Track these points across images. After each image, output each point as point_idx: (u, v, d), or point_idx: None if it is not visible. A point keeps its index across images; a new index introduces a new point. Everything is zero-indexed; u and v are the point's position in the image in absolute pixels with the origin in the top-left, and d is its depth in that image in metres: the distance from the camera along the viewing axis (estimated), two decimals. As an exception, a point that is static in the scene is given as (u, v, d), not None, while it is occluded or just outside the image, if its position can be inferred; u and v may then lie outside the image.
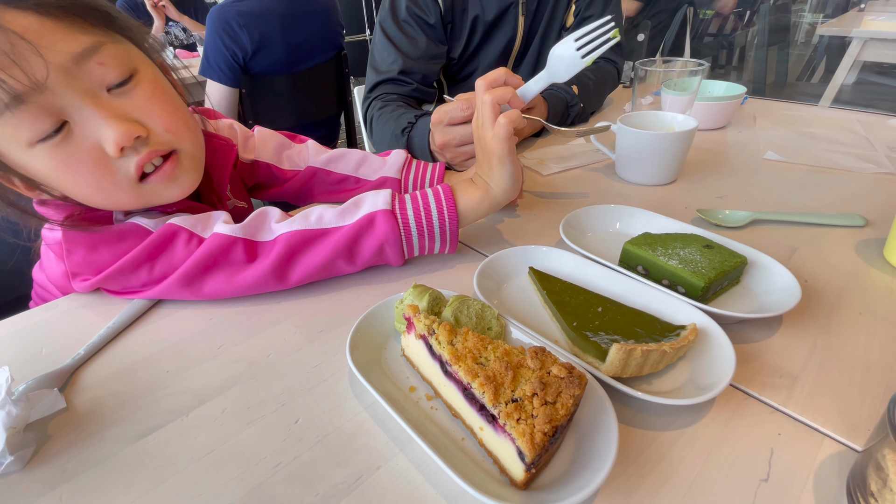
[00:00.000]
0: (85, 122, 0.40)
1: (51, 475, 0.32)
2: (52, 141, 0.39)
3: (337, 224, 0.47)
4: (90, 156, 0.41)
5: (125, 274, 0.46)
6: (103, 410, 0.37)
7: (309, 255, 0.47)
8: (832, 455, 0.31)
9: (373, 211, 0.47)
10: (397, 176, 0.66)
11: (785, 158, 0.75)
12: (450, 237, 0.50)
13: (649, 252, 0.46)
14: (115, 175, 0.43)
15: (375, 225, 0.47)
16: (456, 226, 0.49)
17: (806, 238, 0.54)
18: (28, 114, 0.38)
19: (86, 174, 0.42)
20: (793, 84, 2.88)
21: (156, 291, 0.47)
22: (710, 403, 0.35)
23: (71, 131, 0.40)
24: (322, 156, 0.68)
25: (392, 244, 0.48)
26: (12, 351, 0.44)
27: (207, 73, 1.37)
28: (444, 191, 0.50)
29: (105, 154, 0.41)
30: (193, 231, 0.46)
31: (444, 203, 0.49)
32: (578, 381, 0.30)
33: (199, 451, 0.33)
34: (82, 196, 0.44)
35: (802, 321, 0.42)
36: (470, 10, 0.93)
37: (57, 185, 0.43)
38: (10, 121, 0.37)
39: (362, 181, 0.67)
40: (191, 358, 0.42)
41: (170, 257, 0.46)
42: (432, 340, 0.34)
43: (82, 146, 0.41)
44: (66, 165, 0.41)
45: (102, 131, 0.40)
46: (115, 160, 0.42)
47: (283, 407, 0.36)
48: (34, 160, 0.40)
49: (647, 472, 0.30)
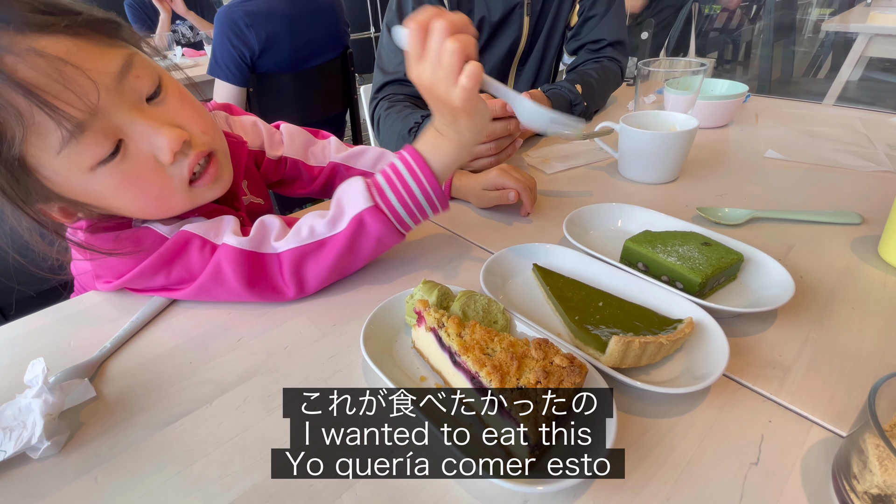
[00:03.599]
0: (138, 137, 0.41)
1: (85, 458, 0.34)
2: (113, 162, 0.40)
3: (330, 233, 0.48)
4: (148, 167, 0.42)
5: (144, 278, 0.48)
6: (131, 399, 0.39)
7: (312, 268, 0.48)
8: (820, 441, 0.33)
9: (358, 212, 0.47)
10: None
11: (785, 157, 0.77)
12: (437, 200, 0.49)
13: (649, 249, 0.47)
14: (171, 181, 0.44)
15: (366, 225, 0.47)
16: (438, 187, 0.48)
17: (803, 235, 0.56)
18: (90, 140, 0.38)
19: (145, 186, 0.43)
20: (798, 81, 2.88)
21: (177, 295, 0.49)
22: (704, 393, 0.36)
23: (127, 148, 0.41)
24: (343, 153, 0.70)
25: (387, 235, 0.48)
26: (42, 343, 0.47)
27: (215, 73, 1.40)
28: (414, 159, 0.48)
29: (159, 163, 0.43)
30: (206, 238, 0.48)
31: (418, 172, 0.48)
32: (579, 370, 0.32)
33: (224, 437, 0.35)
34: (139, 209, 0.46)
35: (796, 316, 0.44)
36: (476, 11, 0.94)
37: (113, 202, 0.44)
38: (74, 150, 0.38)
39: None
40: (212, 350, 0.44)
41: (185, 263, 0.48)
42: (442, 333, 0.36)
43: (139, 160, 0.42)
44: (127, 181, 0.42)
45: (155, 141, 0.42)
46: (168, 167, 0.43)
47: (300, 396, 0.38)
48: (95, 182, 0.41)
49: (643, 456, 0.32)
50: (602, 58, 1.02)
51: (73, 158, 0.38)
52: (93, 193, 0.42)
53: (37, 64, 0.35)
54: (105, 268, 0.49)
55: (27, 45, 0.35)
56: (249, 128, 0.67)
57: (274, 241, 0.48)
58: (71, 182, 0.40)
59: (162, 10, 2.30)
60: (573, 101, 0.90)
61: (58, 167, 0.39)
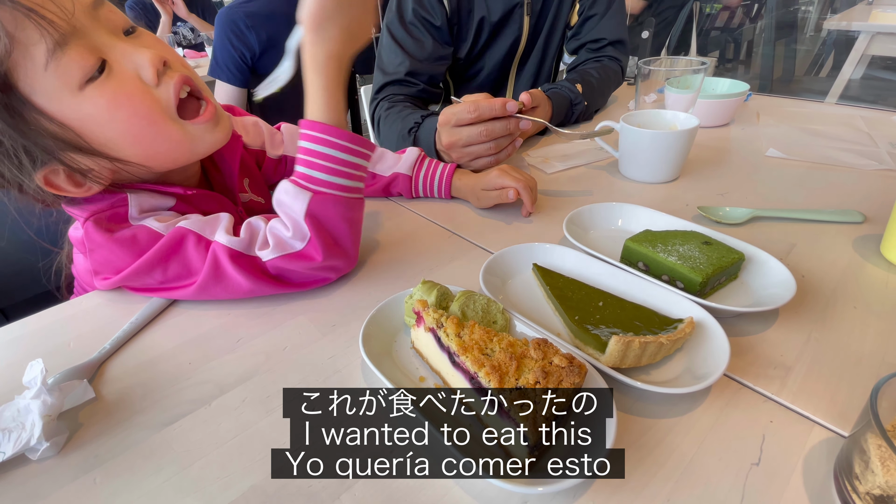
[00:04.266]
0: (120, 56, 0.43)
1: (84, 459, 0.34)
2: (99, 80, 0.42)
3: (303, 244, 0.47)
4: (134, 86, 0.44)
5: (141, 275, 0.48)
6: (131, 400, 0.39)
7: (305, 269, 0.48)
8: (822, 441, 0.32)
9: (305, 211, 0.46)
10: (409, 173, 0.68)
11: (787, 155, 0.76)
12: (359, 145, 0.48)
13: (650, 249, 0.47)
14: (160, 104, 0.45)
15: (320, 216, 0.46)
16: (350, 135, 0.47)
17: (805, 234, 0.55)
18: (74, 54, 0.40)
19: (135, 106, 0.44)
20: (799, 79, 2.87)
21: (179, 294, 0.49)
22: (705, 393, 0.36)
23: (111, 68, 0.43)
24: None
25: (347, 208, 0.47)
26: (41, 344, 0.47)
27: (216, 74, 1.40)
28: (313, 128, 0.47)
29: (145, 84, 0.44)
30: (202, 234, 0.49)
31: (324, 136, 0.46)
32: (578, 370, 0.32)
33: (223, 437, 0.35)
34: (136, 135, 0.45)
35: (798, 315, 0.43)
36: (476, 12, 0.94)
37: (108, 130, 0.44)
38: (59, 64, 0.40)
39: (378, 176, 0.69)
40: (211, 351, 0.44)
41: (181, 259, 0.48)
42: (441, 333, 0.36)
43: (125, 79, 0.43)
44: (116, 101, 0.43)
45: (137, 59, 0.44)
46: (154, 89, 0.45)
47: (299, 396, 0.38)
48: (87, 104, 0.42)
49: (643, 456, 0.32)
50: (602, 57, 1.02)
51: (60, 75, 0.40)
52: (87, 120, 0.43)
53: None
54: (103, 264, 0.49)
55: None
56: (251, 128, 0.67)
57: (258, 249, 0.48)
58: (63, 105, 0.42)
59: (163, 13, 2.31)
60: (574, 100, 0.90)
61: (48, 87, 0.40)
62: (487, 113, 0.63)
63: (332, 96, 0.47)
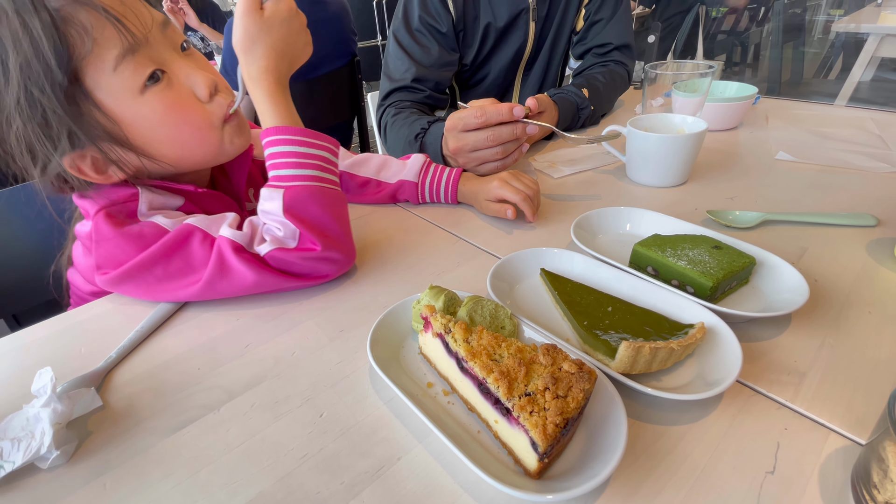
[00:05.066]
0: (179, 72, 0.49)
1: (94, 465, 0.35)
2: (160, 85, 0.47)
3: (294, 242, 0.49)
4: (190, 99, 0.50)
5: (143, 269, 0.49)
6: (139, 406, 0.39)
7: (294, 262, 0.49)
8: (838, 449, 0.32)
9: (282, 207, 0.48)
10: (415, 179, 0.69)
11: (797, 158, 0.75)
12: (317, 139, 0.51)
13: (658, 253, 0.47)
14: (211, 116, 0.51)
15: (296, 207, 0.48)
16: (307, 131, 0.50)
17: (817, 238, 0.55)
18: (140, 62, 0.45)
19: (188, 115, 0.49)
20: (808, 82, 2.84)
21: (183, 294, 0.50)
22: (717, 399, 0.36)
23: (170, 81, 0.48)
24: (347, 160, 0.71)
25: (321, 197, 0.50)
26: (49, 352, 0.47)
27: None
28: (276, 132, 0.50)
29: (198, 99, 0.50)
30: (207, 231, 0.50)
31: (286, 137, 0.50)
32: (588, 376, 0.31)
33: (232, 443, 0.35)
34: (179, 143, 0.50)
35: (811, 320, 0.43)
36: (482, 18, 0.95)
37: (157, 133, 0.48)
38: (126, 68, 0.45)
39: (383, 184, 0.70)
40: (219, 356, 0.44)
41: (185, 255, 0.49)
42: (449, 338, 0.36)
43: (181, 91, 0.49)
44: (173, 108, 0.48)
45: (194, 78, 0.49)
46: (207, 104, 0.50)
47: (308, 402, 0.38)
48: (144, 106, 0.47)
49: (655, 463, 0.32)
50: (609, 61, 1.02)
51: (125, 77, 0.45)
52: (140, 120, 0.47)
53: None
54: (107, 258, 0.50)
55: None
56: (257, 139, 0.68)
57: (256, 245, 0.50)
58: (122, 105, 0.46)
59: (175, 23, 2.35)
60: (580, 104, 0.90)
61: (112, 86, 0.45)
62: (494, 118, 0.63)
63: (277, 104, 0.51)
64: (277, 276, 0.49)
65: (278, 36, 0.50)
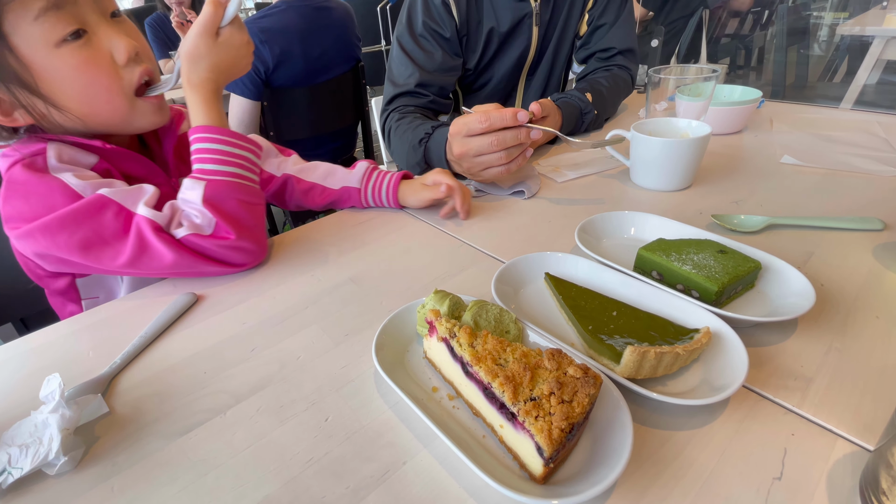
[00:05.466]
0: (101, 35, 0.51)
1: (101, 470, 0.35)
2: (76, 43, 0.49)
3: (211, 229, 0.53)
4: (105, 60, 0.52)
5: (50, 232, 0.50)
6: (145, 410, 0.39)
7: (209, 248, 0.53)
8: (846, 455, 0.31)
9: (202, 197, 0.52)
10: (358, 185, 0.72)
11: (802, 162, 0.75)
12: (238, 138, 0.56)
13: (663, 257, 0.47)
14: (122, 81, 0.53)
15: (215, 199, 0.53)
16: (229, 131, 0.55)
17: (823, 242, 0.55)
18: (61, 18, 0.48)
19: (99, 75, 0.51)
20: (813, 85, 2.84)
21: (104, 267, 0.52)
22: (723, 405, 0.36)
23: (90, 40, 0.50)
24: (296, 166, 0.75)
25: (237, 190, 0.54)
26: (55, 356, 0.47)
27: (231, 88, 1.43)
28: (203, 131, 0.54)
29: (114, 62, 0.52)
30: (123, 204, 0.51)
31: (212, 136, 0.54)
32: (594, 380, 0.31)
33: (238, 447, 0.35)
34: (86, 100, 0.52)
35: (818, 325, 0.43)
36: (485, 23, 0.95)
37: (66, 86, 0.50)
38: (47, 21, 0.47)
39: (328, 190, 0.73)
40: (226, 360, 0.44)
41: (95, 225, 0.50)
42: (454, 343, 0.36)
43: (99, 52, 0.51)
44: (85, 65, 0.50)
45: (114, 42, 0.52)
46: (122, 68, 0.53)
47: (313, 406, 0.38)
48: (57, 59, 0.49)
49: (661, 469, 0.31)
50: (612, 66, 1.02)
51: (45, 29, 0.47)
52: (51, 72, 0.49)
53: None
54: (16, 213, 0.51)
55: None
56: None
57: (173, 228, 0.52)
58: (37, 53, 0.48)
59: (182, 35, 2.36)
60: (584, 109, 0.90)
61: (30, 35, 0.47)
62: (498, 123, 0.63)
63: (210, 109, 0.55)
64: (194, 258, 0.52)
65: (224, 56, 0.55)
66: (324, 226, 0.69)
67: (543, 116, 0.79)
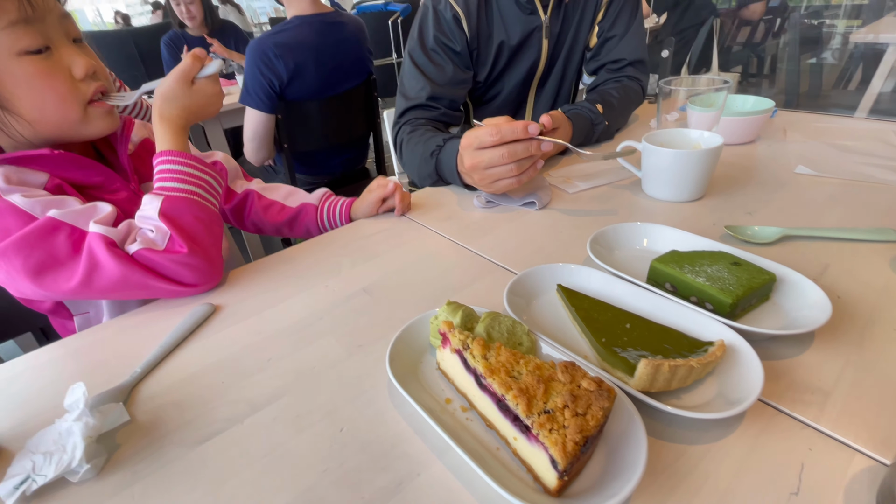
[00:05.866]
0: (62, 53, 0.55)
1: (122, 478, 0.36)
2: (38, 56, 0.53)
3: (164, 242, 0.54)
4: (63, 74, 0.55)
5: (7, 257, 0.51)
6: (165, 419, 0.40)
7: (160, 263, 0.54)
8: (863, 470, 0.31)
9: (158, 210, 0.54)
10: (316, 203, 0.79)
11: (817, 172, 0.75)
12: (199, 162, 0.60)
13: (676, 269, 0.47)
14: (77, 92, 0.57)
15: (172, 214, 0.55)
16: (193, 156, 0.59)
17: (839, 254, 0.54)
18: (29, 32, 0.52)
19: (56, 85, 0.55)
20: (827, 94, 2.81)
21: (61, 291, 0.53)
22: (739, 419, 0.35)
23: (51, 55, 0.54)
24: (260, 185, 0.83)
25: (193, 207, 0.57)
26: (76, 366, 0.49)
27: (247, 101, 1.46)
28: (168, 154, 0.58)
29: (72, 77, 0.56)
30: (76, 225, 0.53)
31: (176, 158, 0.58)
32: (607, 394, 0.31)
33: (255, 455, 0.36)
34: (40, 105, 0.55)
35: (835, 338, 0.42)
36: (495, 36, 0.97)
37: (22, 92, 0.54)
38: (14, 32, 0.51)
39: (287, 208, 0.79)
40: (242, 370, 0.45)
41: (48, 247, 0.51)
42: (467, 355, 0.36)
43: (58, 66, 0.55)
44: (43, 75, 0.54)
45: (74, 60, 0.56)
46: (79, 82, 0.57)
47: (328, 416, 0.39)
48: (17, 67, 0.52)
49: (676, 483, 0.31)
50: (622, 77, 1.02)
51: (11, 39, 0.51)
52: (10, 77, 0.53)
53: None
54: None
55: None
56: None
57: (127, 244, 0.54)
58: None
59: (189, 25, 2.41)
60: (594, 120, 0.91)
61: None
62: (509, 136, 0.64)
63: (176, 139, 0.60)
64: (145, 274, 0.52)
65: (196, 101, 0.60)
66: (336, 237, 0.70)
67: (554, 128, 0.80)
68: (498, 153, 0.65)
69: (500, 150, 0.64)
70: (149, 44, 2.55)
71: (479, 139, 0.65)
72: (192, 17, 2.37)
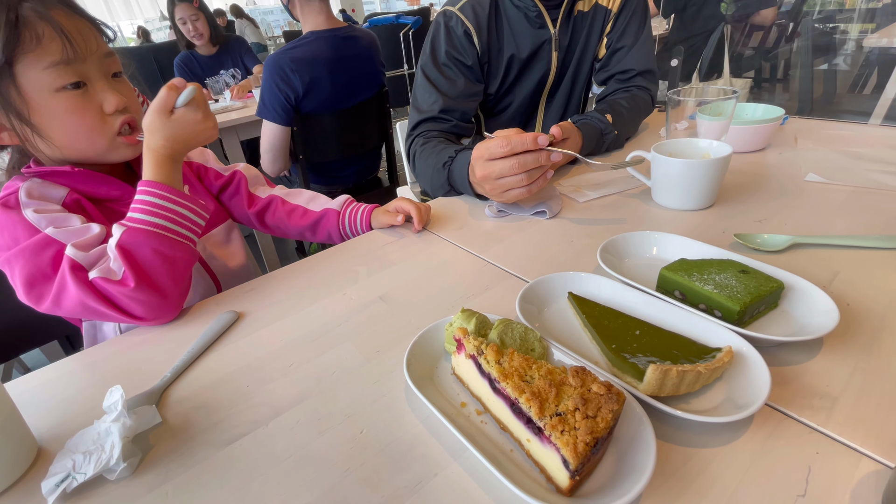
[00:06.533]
0: (97, 89, 0.60)
1: (156, 476, 0.38)
2: (74, 92, 0.58)
3: (120, 269, 0.55)
4: (95, 108, 0.60)
5: (10, 264, 0.55)
6: (195, 421, 0.43)
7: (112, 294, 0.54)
8: (870, 473, 0.32)
9: (117, 241, 0.54)
10: (338, 209, 0.80)
11: (827, 180, 0.75)
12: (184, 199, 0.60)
13: (685, 277, 0.48)
14: (105, 125, 0.61)
15: (128, 246, 0.55)
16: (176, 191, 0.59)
17: (848, 261, 0.55)
18: (68, 71, 0.56)
19: (87, 118, 0.60)
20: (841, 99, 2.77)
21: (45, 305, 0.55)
22: (747, 423, 0.36)
23: (86, 91, 0.59)
24: (283, 191, 0.85)
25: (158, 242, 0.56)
26: (109, 371, 0.51)
27: (263, 115, 1.50)
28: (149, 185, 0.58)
29: (103, 112, 0.61)
30: (65, 243, 0.55)
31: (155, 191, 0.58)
32: (617, 397, 0.33)
33: (280, 456, 0.38)
34: (71, 136, 0.60)
35: (843, 344, 0.43)
36: (505, 50, 0.99)
37: (55, 122, 0.58)
38: (55, 72, 0.55)
39: (310, 212, 0.82)
40: (266, 375, 0.47)
41: (36, 260, 0.55)
42: (481, 360, 0.38)
43: (91, 102, 0.60)
44: (76, 109, 0.58)
45: (106, 96, 0.60)
46: (108, 116, 0.61)
47: (348, 419, 0.41)
48: (54, 101, 0.57)
49: (685, 486, 0.32)
50: (632, 87, 1.04)
51: (51, 78, 0.56)
52: (45, 109, 0.57)
53: (66, 17, 0.56)
54: None
55: (63, 9, 0.57)
56: (197, 153, 0.83)
57: (92, 270, 0.54)
58: (37, 93, 0.56)
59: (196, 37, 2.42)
60: (604, 130, 0.92)
61: (36, 79, 0.55)
62: (519, 147, 0.65)
63: (160, 169, 0.60)
64: (98, 300, 0.54)
65: (179, 130, 0.60)
66: (353, 247, 0.72)
67: (564, 139, 0.82)
68: (508, 164, 0.67)
69: (511, 161, 0.66)
70: (168, 60, 2.62)
71: (490, 150, 0.67)
72: (199, 35, 2.38)
